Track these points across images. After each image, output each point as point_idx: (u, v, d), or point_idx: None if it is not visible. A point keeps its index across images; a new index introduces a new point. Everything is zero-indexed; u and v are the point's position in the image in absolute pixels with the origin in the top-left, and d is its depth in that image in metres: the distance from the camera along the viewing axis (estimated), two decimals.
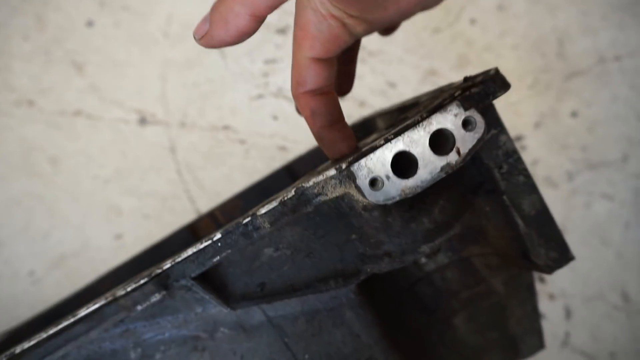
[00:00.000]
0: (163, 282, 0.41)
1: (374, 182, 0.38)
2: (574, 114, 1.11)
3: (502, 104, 1.08)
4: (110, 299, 0.41)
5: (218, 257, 0.41)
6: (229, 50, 1.07)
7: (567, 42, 1.17)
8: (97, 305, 0.41)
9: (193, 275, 0.42)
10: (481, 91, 0.40)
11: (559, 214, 1.04)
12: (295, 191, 0.41)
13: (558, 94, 1.12)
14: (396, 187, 0.38)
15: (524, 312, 0.62)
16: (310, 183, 0.40)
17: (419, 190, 0.38)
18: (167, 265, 0.41)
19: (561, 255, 0.48)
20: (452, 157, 0.39)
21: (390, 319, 0.57)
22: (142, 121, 1.03)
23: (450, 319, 0.61)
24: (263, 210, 0.41)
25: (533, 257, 0.48)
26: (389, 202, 0.38)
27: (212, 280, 0.45)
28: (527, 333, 0.63)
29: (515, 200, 0.46)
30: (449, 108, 0.38)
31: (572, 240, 1.04)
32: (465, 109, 0.39)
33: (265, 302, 0.47)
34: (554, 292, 1.00)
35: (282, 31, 1.10)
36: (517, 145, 1.08)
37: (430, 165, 0.38)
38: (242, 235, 0.42)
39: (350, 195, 0.41)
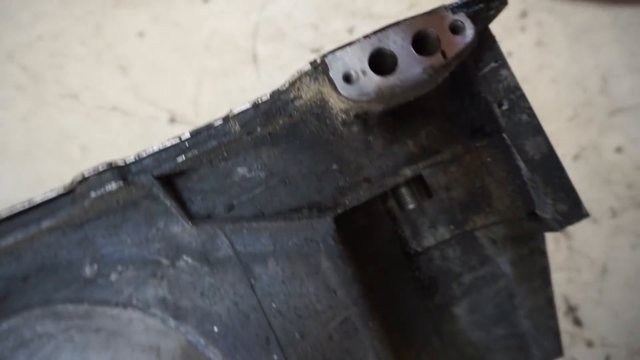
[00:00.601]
0: (123, 173, 0.39)
1: (348, 77, 0.35)
2: (618, 150, 1.03)
3: None
4: (68, 188, 0.39)
5: (183, 157, 0.39)
6: (262, 63, 1.11)
7: (612, 79, 1.12)
8: (53, 194, 0.39)
9: (156, 173, 0.39)
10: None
11: (600, 251, 0.93)
12: (270, 94, 0.39)
13: (601, 129, 1.06)
14: (372, 83, 0.35)
15: (537, 304, 0.53)
16: (285, 84, 0.39)
17: (397, 90, 0.35)
18: (130, 159, 0.39)
19: (572, 208, 0.42)
20: (436, 59, 0.36)
21: (379, 290, 0.51)
22: (172, 120, 1.06)
23: (449, 306, 0.53)
24: (235, 112, 0.39)
25: (539, 210, 0.42)
26: (363, 98, 0.35)
27: (178, 192, 0.42)
28: (541, 332, 0.54)
29: (517, 141, 0.42)
30: (436, 10, 0.36)
31: (616, 283, 0.91)
32: (454, 13, 0.36)
33: (230, 225, 0.43)
34: (593, 339, 0.86)
35: (315, 50, 1.14)
36: None
37: (411, 65, 0.36)
38: (211, 137, 0.40)
39: (327, 103, 0.39)
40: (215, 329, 0.45)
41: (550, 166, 0.42)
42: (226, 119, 0.40)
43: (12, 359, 0.46)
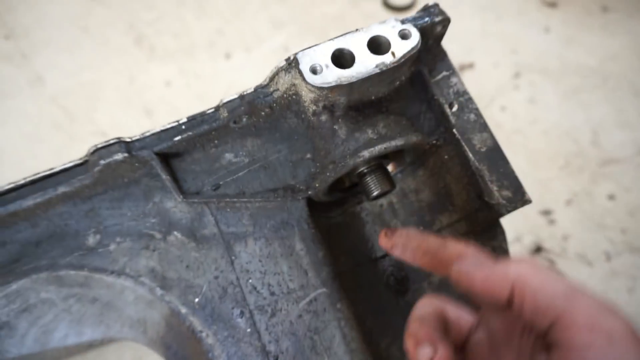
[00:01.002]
0: (129, 147, 0.46)
1: (314, 69, 0.43)
2: (611, 197, 1.06)
3: (530, 180, 1.09)
4: (83, 159, 0.47)
5: (179, 137, 0.47)
6: None
7: (602, 133, 1.18)
8: (71, 164, 0.47)
9: (156, 149, 0.47)
10: (420, 15, 0.46)
11: (595, 291, 0.92)
12: (254, 88, 0.48)
13: (593, 177, 1.10)
14: (333, 74, 0.43)
15: None
16: (266, 79, 0.47)
17: (353, 79, 0.43)
18: (136, 137, 0.47)
19: (515, 194, 0.46)
20: (387, 58, 0.44)
21: (350, 280, 0.55)
22: None
23: None
24: (225, 101, 0.47)
25: (487, 197, 0.47)
26: (326, 85, 0.43)
27: (174, 171, 0.49)
28: None
29: (465, 135, 0.48)
30: (387, 21, 0.45)
31: None
32: (402, 23, 0.45)
33: (216, 203, 0.49)
34: None
35: None
36: (546, 219, 1.03)
37: (366, 61, 0.44)
38: (203, 122, 0.48)
39: (300, 97, 0.47)
40: (196, 300, 0.49)
41: (495, 157, 0.47)
42: (217, 107, 0.48)
43: (15, 322, 0.52)
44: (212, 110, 0.48)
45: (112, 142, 0.46)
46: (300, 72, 0.44)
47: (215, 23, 1.47)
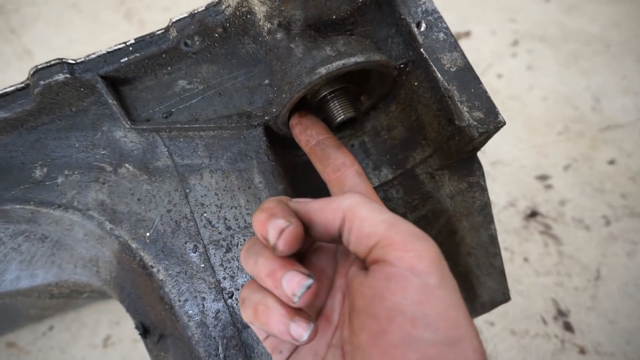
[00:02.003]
0: (71, 68, 0.44)
1: None
2: (611, 162, 1.01)
3: (525, 145, 1.05)
4: (24, 82, 0.44)
5: (126, 59, 0.44)
6: None
7: (604, 99, 1.13)
8: (12, 89, 0.44)
9: (101, 72, 0.44)
10: None
11: (593, 258, 0.88)
12: (205, 6, 0.44)
13: (593, 143, 1.05)
14: None
15: (479, 241, 0.51)
16: None
17: None
18: (80, 59, 0.45)
19: (487, 115, 0.43)
20: None
21: None
22: None
23: None
24: (174, 19, 0.44)
25: (457, 119, 0.43)
26: None
27: (123, 99, 0.47)
28: (484, 271, 0.51)
29: (434, 55, 0.44)
30: None
31: (610, 289, 0.85)
32: None
33: (167, 132, 0.46)
34: (586, 346, 0.79)
35: None
36: (542, 184, 0.99)
37: None
38: (152, 43, 0.45)
39: (254, 14, 0.44)
40: (147, 234, 0.46)
41: (466, 77, 0.44)
42: (167, 28, 0.45)
43: None
44: (162, 30, 0.45)
45: (53, 62, 0.43)
46: None
47: None
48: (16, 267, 0.51)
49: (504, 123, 0.43)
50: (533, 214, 0.94)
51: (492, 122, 0.43)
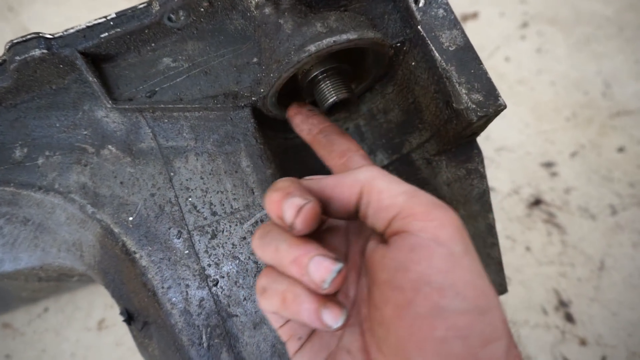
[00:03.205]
0: (48, 44, 0.41)
1: None
2: (620, 150, 0.98)
3: (532, 131, 1.02)
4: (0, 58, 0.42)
5: (106, 34, 0.42)
6: None
7: (615, 84, 1.09)
8: None
9: (80, 47, 0.42)
10: None
11: (597, 248, 0.86)
12: None
13: (602, 129, 1.01)
14: None
15: (476, 230, 0.49)
16: None
17: None
18: (58, 34, 0.42)
19: (486, 97, 0.40)
20: None
21: None
22: None
23: None
24: None
25: (455, 102, 0.41)
26: None
27: (105, 77, 0.45)
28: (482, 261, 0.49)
29: (432, 33, 0.42)
30: None
31: (614, 280, 0.83)
32: None
33: (150, 111, 0.44)
34: (587, 338, 0.77)
35: None
36: (547, 171, 0.96)
37: None
38: (134, 17, 0.42)
39: None
40: (130, 218, 0.45)
41: (465, 57, 0.41)
42: (149, 2, 0.42)
43: None
44: (144, 4, 0.42)
45: (29, 37, 0.41)
46: None
47: None
48: None
49: (505, 106, 0.40)
50: (537, 202, 0.91)
51: (492, 106, 0.40)
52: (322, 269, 0.30)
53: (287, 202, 0.32)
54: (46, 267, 0.52)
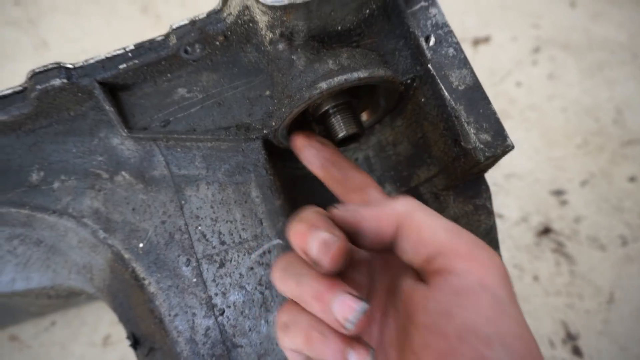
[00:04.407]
0: (69, 74, 0.43)
1: None
2: (632, 179, 0.97)
3: (542, 157, 1.02)
4: (22, 85, 0.44)
5: (125, 65, 0.43)
6: None
7: (627, 111, 1.08)
8: (9, 91, 0.44)
9: (99, 77, 0.43)
10: None
11: (607, 279, 0.85)
12: (207, 13, 0.43)
13: (613, 158, 1.01)
14: None
15: None
16: (219, 3, 0.42)
17: None
18: (78, 64, 0.44)
19: (494, 138, 0.40)
20: None
21: None
22: None
23: None
24: (174, 27, 0.43)
25: (463, 141, 0.41)
26: (278, 4, 0.38)
27: (121, 105, 0.46)
28: None
29: (442, 72, 0.42)
30: None
31: (623, 313, 0.82)
32: None
33: (164, 141, 0.45)
34: (583, 349, 0.75)
35: None
36: (557, 199, 0.96)
37: None
38: (151, 49, 0.43)
39: (257, 23, 0.42)
40: (140, 245, 0.46)
41: (474, 97, 0.41)
42: (167, 35, 0.43)
43: None
44: (162, 37, 0.43)
45: (50, 66, 0.43)
46: None
47: None
48: (12, 269, 0.51)
49: (512, 147, 0.41)
50: (546, 231, 0.90)
51: (500, 146, 0.40)
52: (346, 308, 0.29)
53: (313, 236, 0.30)
54: (57, 287, 0.53)
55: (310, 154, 0.44)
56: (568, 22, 1.27)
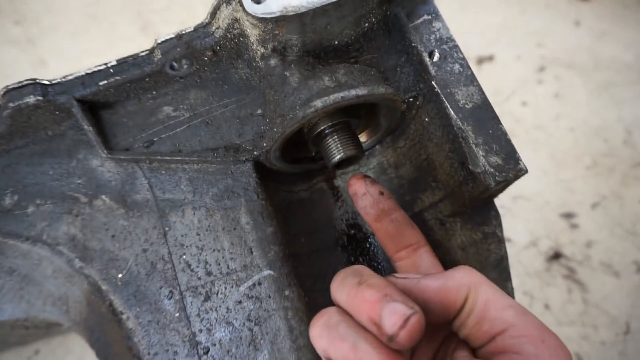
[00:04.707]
0: (45, 90, 0.40)
1: None
2: None
3: (551, 179, 0.99)
4: None
5: (105, 82, 0.40)
6: None
7: (637, 132, 1.05)
8: None
9: (77, 95, 0.40)
10: None
11: (622, 308, 0.80)
12: (194, 27, 0.40)
13: (624, 179, 0.97)
14: (279, 2, 0.35)
15: None
16: (207, 17, 0.40)
17: (302, 10, 0.35)
18: (56, 80, 0.41)
19: (505, 161, 0.37)
20: None
21: (309, 266, 0.47)
22: None
23: None
24: (159, 40, 0.40)
25: (471, 164, 0.38)
26: (269, 16, 0.35)
27: (102, 124, 0.43)
28: None
29: (447, 89, 0.39)
30: None
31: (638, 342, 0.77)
32: None
33: (147, 163, 0.42)
34: None
35: None
36: (567, 222, 0.91)
37: None
38: (135, 65, 0.41)
39: (247, 37, 0.39)
40: (119, 275, 0.42)
41: (483, 116, 0.38)
42: (151, 49, 0.41)
43: None
44: (146, 52, 0.41)
45: (25, 82, 0.40)
46: (240, 1, 0.36)
47: None
48: None
49: (526, 171, 0.37)
50: (556, 256, 0.86)
51: (512, 170, 0.37)
52: None
53: (389, 308, 0.28)
54: (31, 319, 0.49)
55: (368, 203, 0.41)
56: (573, 41, 1.25)
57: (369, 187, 0.41)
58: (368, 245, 0.49)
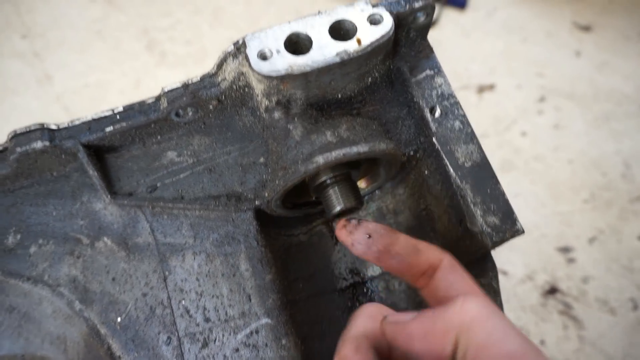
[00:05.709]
0: (52, 135, 0.40)
1: (263, 55, 0.37)
2: None
3: (548, 212, 0.99)
4: (2, 146, 0.41)
5: (112, 128, 0.41)
6: None
7: (636, 165, 1.06)
8: None
9: (84, 140, 0.41)
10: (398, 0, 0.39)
11: (618, 347, 0.80)
12: (201, 77, 0.41)
13: (622, 214, 0.98)
14: (284, 61, 0.36)
15: None
16: (214, 67, 0.41)
17: (308, 69, 0.36)
18: (63, 125, 0.41)
19: (503, 221, 0.38)
20: (351, 45, 0.36)
21: (306, 311, 0.47)
22: None
23: None
24: (166, 89, 0.41)
25: (469, 222, 0.38)
26: (274, 74, 0.36)
27: (107, 168, 0.43)
28: None
29: (447, 146, 0.40)
30: (356, 4, 0.38)
31: None
32: (373, 6, 0.38)
33: (150, 208, 0.43)
34: None
35: None
36: (564, 257, 0.92)
37: (325, 47, 0.36)
38: (141, 112, 0.41)
39: (253, 89, 0.40)
40: (119, 319, 0.42)
41: (482, 175, 0.39)
42: (158, 97, 0.41)
43: None
44: (153, 100, 0.41)
45: (33, 127, 0.40)
46: (246, 58, 0.37)
47: (230, 33, 1.45)
48: None
49: (522, 232, 0.38)
50: (552, 291, 0.86)
51: (509, 231, 0.38)
52: None
53: None
54: (28, 356, 0.49)
55: (360, 251, 0.38)
56: (573, 71, 1.27)
57: (354, 236, 0.38)
58: (365, 290, 0.49)
